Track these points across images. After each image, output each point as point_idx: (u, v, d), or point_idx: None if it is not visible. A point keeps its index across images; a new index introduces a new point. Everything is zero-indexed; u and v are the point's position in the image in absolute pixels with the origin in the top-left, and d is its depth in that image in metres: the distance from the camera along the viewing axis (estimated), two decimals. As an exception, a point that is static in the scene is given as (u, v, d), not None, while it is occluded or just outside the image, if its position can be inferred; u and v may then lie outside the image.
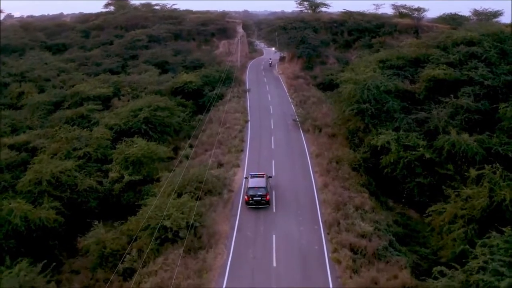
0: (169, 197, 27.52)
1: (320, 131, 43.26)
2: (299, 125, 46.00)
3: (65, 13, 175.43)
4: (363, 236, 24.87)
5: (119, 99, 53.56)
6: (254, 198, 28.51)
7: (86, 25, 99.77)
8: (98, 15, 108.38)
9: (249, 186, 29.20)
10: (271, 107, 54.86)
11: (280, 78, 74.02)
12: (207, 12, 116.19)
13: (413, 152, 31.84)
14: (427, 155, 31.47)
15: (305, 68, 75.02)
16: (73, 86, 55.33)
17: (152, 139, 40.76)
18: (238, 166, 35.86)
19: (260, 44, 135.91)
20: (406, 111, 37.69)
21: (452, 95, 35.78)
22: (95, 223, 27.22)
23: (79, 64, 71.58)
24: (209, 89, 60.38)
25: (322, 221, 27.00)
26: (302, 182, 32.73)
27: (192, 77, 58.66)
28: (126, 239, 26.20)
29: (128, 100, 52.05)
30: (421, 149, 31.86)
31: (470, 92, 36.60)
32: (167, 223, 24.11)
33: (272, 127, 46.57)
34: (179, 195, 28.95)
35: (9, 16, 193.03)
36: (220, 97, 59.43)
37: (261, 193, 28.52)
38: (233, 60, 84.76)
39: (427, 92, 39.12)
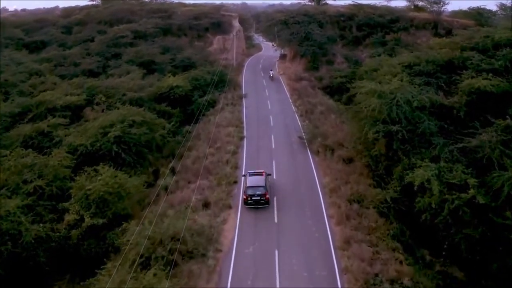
0: (130, 268, 19.70)
1: (333, 153, 35.04)
2: (306, 143, 37.86)
3: (60, 6, 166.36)
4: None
5: (93, 108, 45.40)
6: (253, 198, 27.45)
7: (68, 20, 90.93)
8: (82, 8, 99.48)
9: (247, 185, 28.14)
10: (271, 117, 46.65)
11: (281, 80, 65.56)
12: (202, 4, 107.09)
13: (462, 195, 23.90)
14: (480, 200, 23.56)
15: (309, 68, 66.64)
16: (44, 91, 47.22)
17: (125, 163, 33.19)
18: (230, 207, 27.76)
19: (259, 38, 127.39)
20: (444, 134, 29.49)
21: (508, 116, 27.52)
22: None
23: (56, 64, 62.97)
24: (199, 94, 52.51)
25: (346, 307, 19.16)
26: (314, 236, 24.57)
27: (179, 81, 50.71)
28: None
29: (103, 110, 43.96)
30: (472, 190, 23.91)
31: (525, 110, 28.59)
32: (119, 328, 16.26)
33: (273, 146, 38.26)
34: (147, 261, 21.21)
35: (4, 9, 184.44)
36: (212, 104, 51.44)
37: (260, 192, 27.50)
38: (229, 58, 76.40)
39: (468, 107, 31.03)
